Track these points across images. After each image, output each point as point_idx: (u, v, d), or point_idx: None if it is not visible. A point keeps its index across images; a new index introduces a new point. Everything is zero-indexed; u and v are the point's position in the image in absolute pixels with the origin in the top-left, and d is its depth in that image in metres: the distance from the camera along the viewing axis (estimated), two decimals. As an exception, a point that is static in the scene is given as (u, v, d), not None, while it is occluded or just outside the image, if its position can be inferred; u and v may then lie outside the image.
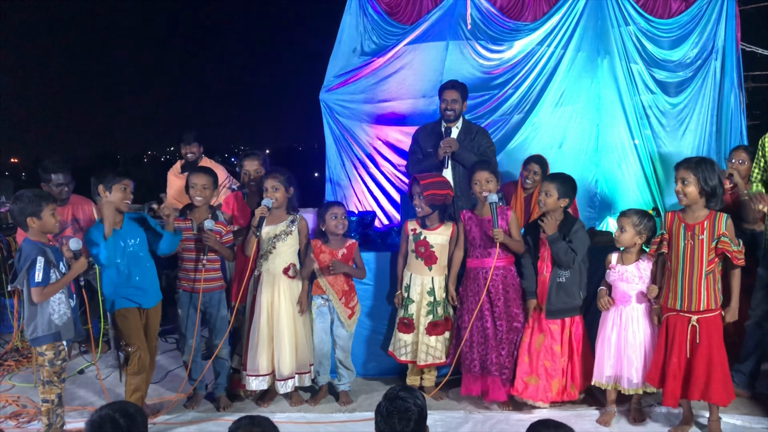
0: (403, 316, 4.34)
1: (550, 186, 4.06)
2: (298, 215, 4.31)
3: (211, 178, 4.24)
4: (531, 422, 2.34)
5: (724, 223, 3.56)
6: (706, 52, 5.93)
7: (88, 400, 4.41)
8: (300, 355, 4.22)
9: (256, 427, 2.28)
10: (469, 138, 4.86)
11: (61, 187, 4.72)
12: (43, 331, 3.54)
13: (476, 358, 4.17)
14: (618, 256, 4.02)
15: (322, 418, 4.12)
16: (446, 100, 4.87)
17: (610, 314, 3.99)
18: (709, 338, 3.60)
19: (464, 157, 4.76)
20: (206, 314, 4.26)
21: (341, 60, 6.13)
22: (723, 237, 3.55)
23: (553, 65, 5.93)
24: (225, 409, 4.21)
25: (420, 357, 4.32)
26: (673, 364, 3.68)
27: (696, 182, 3.56)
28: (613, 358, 3.96)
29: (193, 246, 4.17)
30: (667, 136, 6.01)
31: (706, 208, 3.61)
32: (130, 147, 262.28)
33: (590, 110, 5.99)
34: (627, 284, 3.93)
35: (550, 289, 4.04)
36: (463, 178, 4.74)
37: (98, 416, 2.11)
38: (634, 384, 3.91)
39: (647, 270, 3.90)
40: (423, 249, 4.29)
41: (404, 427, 2.35)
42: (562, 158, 5.91)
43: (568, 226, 4.06)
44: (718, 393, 3.58)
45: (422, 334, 4.30)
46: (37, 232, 3.55)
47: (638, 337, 3.91)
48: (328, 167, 6.34)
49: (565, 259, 4.00)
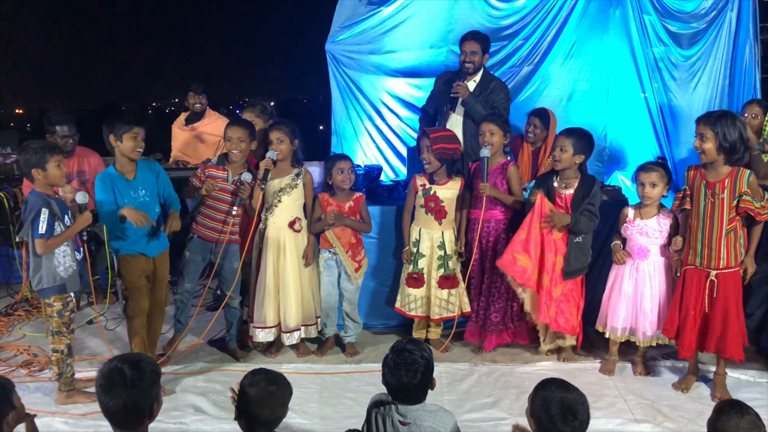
0: (412, 271, 4.33)
1: (565, 141, 3.94)
2: (303, 168, 4.27)
3: (248, 131, 4.13)
4: (538, 378, 2.35)
5: (746, 181, 3.46)
6: (722, 2, 5.76)
7: (97, 350, 4.47)
8: (306, 307, 4.25)
9: (272, 385, 2.30)
10: (485, 93, 4.78)
11: (65, 138, 4.71)
12: (48, 282, 3.55)
13: (482, 311, 4.28)
14: (635, 211, 3.97)
15: (329, 368, 4.17)
16: (465, 52, 4.77)
17: (627, 268, 3.97)
18: (726, 293, 3.58)
19: (474, 108, 4.69)
20: (219, 265, 4.23)
21: (347, 10, 5.99)
22: (745, 195, 3.46)
23: (564, 16, 5.78)
24: (242, 360, 4.26)
25: (434, 311, 4.34)
26: (691, 317, 3.68)
27: (714, 138, 3.45)
28: (628, 311, 3.96)
29: (227, 198, 4.10)
30: (679, 89, 5.89)
31: (728, 165, 3.51)
32: (134, 98, 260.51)
33: (601, 62, 5.87)
34: (647, 238, 3.89)
35: (569, 250, 3.99)
36: (473, 132, 4.69)
37: (108, 368, 2.13)
38: (649, 336, 3.94)
39: (667, 225, 3.87)
40: (433, 204, 4.27)
41: (411, 379, 2.37)
42: (572, 111, 5.85)
43: (587, 187, 3.96)
44: (733, 347, 3.58)
45: (435, 288, 4.31)
46: (43, 183, 3.52)
47: (655, 291, 3.91)
48: (334, 120, 6.28)
49: (589, 229, 3.95)
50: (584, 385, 3.79)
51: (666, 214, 3.89)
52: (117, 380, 2.08)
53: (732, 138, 3.42)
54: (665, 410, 3.59)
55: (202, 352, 4.40)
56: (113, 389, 2.08)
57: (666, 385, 3.88)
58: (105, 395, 2.10)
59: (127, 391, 2.07)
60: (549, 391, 2.21)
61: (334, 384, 3.96)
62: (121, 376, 2.09)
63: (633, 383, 3.92)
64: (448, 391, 3.84)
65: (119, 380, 2.08)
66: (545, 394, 2.21)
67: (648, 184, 3.84)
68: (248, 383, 2.30)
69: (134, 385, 2.08)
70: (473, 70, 4.80)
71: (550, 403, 2.17)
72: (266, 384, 2.29)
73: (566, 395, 2.19)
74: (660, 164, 3.96)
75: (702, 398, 3.72)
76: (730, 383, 3.80)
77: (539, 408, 2.19)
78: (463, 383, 3.94)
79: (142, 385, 2.10)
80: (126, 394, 2.07)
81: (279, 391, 2.31)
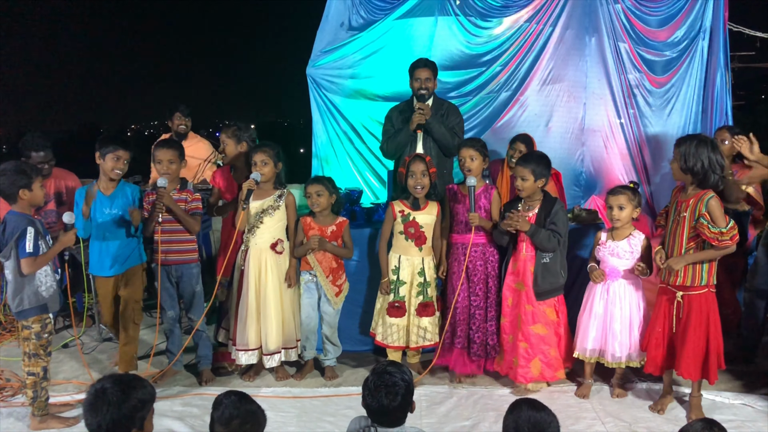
0: (393, 299, 4.29)
1: (524, 171, 4.00)
2: (286, 190, 4.29)
3: (177, 152, 4.19)
4: (514, 399, 2.38)
5: (705, 203, 3.55)
6: (694, 31, 5.92)
7: (73, 374, 4.41)
8: (286, 330, 4.24)
9: (246, 423, 2.27)
10: (440, 114, 4.85)
11: (42, 164, 4.69)
12: (31, 303, 3.53)
13: (459, 335, 4.26)
14: (607, 233, 4.05)
15: (308, 392, 4.15)
16: (419, 79, 4.82)
17: (598, 289, 4.03)
18: (690, 315, 3.64)
19: (436, 129, 4.73)
20: (179, 288, 4.25)
21: (329, 35, 6.06)
22: (702, 218, 3.55)
23: (541, 43, 5.90)
24: (207, 383, 4.23)
25: (411, 339, 4.31)
26: (657, 334, 3.78)
27: (678, 158, 3.62)
28: (598, 332, 4.01)
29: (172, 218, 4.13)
30: (654, 115, 6.01)
31: (697, 186, 3.62)
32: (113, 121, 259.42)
33: (577, 89, 5.98)
34: (618, 259, 3.96)
35: (536, 271, 4.04)
36: (435, 153, 4.75)
37: (95, 387, 2.12)
38: (618, 358, 3.97)
39: (638, 246, 3.94)
40: (413, 230, 4.27)
41: (391, 401, 2.37)
42: (549, 136, 5.92)
43: (548, 207, 4.05)
44: (686, 366, 3.64)
45: (413, 316, 4.29)
46: (26, 204, 3.54)
47: (625, 312, 3.96)
48: (315, 143, 6.31)
49: (550, 246, 4.00)
50: (562, 408, 3.86)
51: (637, 234, 3.97)
52: (102, 399, 2.07)
53: (691, 162, 3.56)
54: (642, 432, 3.62)
55: (179, 375, 4.36)
56: (98, 408, 2.06)
57: (643, 407, 3.91)
58: (89, 414, 2.08)
59: (111, 411, 2.06)
60: (519, 410, 2.26)
61: (312, 408, 3.93)
62: (106, 395, 2.07)
63: (610, 405, 3.94)
64: (428, 414, 3.83)
65: (104, 399, 2.06)
66: (516, 414, 2.26)
67: (616, 206, 3.93)
68: (219, 419, 2.27)
69: (118, 405, 2.06)
70: (428, 95, 4.85)
71: (521, 422, 2.22)
72: (240, 423, 2.26)
73: (535, 414, 2.23)
74: (629, 187, 4.04)
75: (678, 420, 3.75)
76: (705, 405, 3.84)
77: (511, 428, 2.24)
78: (442, 406, 3.94)
79: (127, 406, 2.08)
80: (109, 414, 2.06)
81: (254, 428, 2.29)
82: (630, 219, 3.95)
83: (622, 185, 4.15)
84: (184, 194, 4.18)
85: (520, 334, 4.07)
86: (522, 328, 4.07)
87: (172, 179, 4.16)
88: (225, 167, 4.66)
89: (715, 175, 3.56)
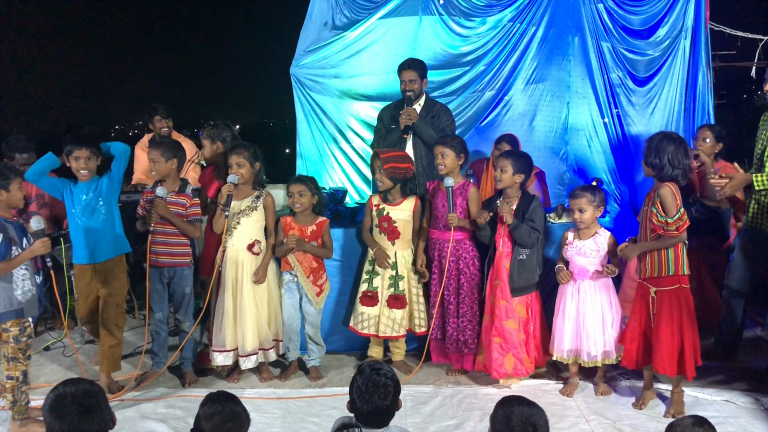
0: (367, 289, 4.37)
1: (505, 162, 4.11)
2: (264, 191, 4.27)
3: (159, 151, 4.12)
4: (501, 396, 2.37)
5: (658, 194, 3.64)
6: (676, 31, 5.95)
7: (54, 377, 4.35)
8: (262, 331, 4.22)
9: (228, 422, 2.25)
10: (431, 115, 4.86)
11: (25, 166, 4.64)
12: (5, 307, 3.48)
13: (434, 327, 4.34)
14: (574, 233, 4.08)
15: (292, 393, 4.13)
16: (404, 81, 4.86)
17: (569, 289, 4.06)
18: (662, 310, 3.69)
19: (423, 131, 4.75)
20: (170, 289, 4.23)
21: (312, 34, 6.04)
22: (653, 207, 3.64)
23: (525, 42, 5.91)
24: (190, 385, 4.20)
25: (380, 329, 4.36)
26: (633, 328, 3.84)
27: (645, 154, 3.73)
28: (573, 332, 4.03)
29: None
30: (637, 114, 6.03)
31: (659, 181, 3.69)
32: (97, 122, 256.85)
33: (561, 88, 5.99)
34: (585, 258, 3.99)
35: (512, 267, 4.09)
36: (424, 153, 4.78)
37: (55, 393, 2.09)
38: (593, 357, 4.00)
39: (604, 244, 3.97)
40: (386, 224, 4.33)
41: (383, 401, 2.37)
42: (533, 135, 5.93)
43: (526, 204, 4.12)
44: (659, 362, 3.68)
45: (384, 307, 4.34)
46: (3, 205, 3.49)
47: (597, 311, 3.99)
48: (299, 143, 6.28)
49: (530, 241, 4.04)
50: (546, 406, 3.80)
51: (602, 233, 4.00)
52: (66, 404, 2.04)
53: (651, 156, 3.67)
54: (626, 429, 3.64)
55: (162, 377, 4.33)
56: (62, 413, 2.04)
57: (627, 405, 3.93)
58: (53, 419, 2.06)
59: (78, 416, 2.03)
60: (509, 405, 2.25)
61: (297, 408, 3.92)
62: (71, 400, 2.04)
63: (594, 403, 3.96)
64: (412, 414, 3.83)
65: (69, 404, 2.04)
66: (506, 409, 2.25)
67: (576, 210, 3.97)
68: (203, 415, 2.26)
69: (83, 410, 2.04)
70: (414, 96, 4.86)
71: (511, 417, 2.21)
72: (222, 420, 2.25)
73: (526, 409, 2.23)
74: (589, 187, 4.06)
75: (661, 417, 3.77)
76: (688, 401, 3.87)
77: (501, 422, 2.22)
78: (427, 405, 3.94)
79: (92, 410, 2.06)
80: (76, 418, 2.03)
81: (236, 427, 2.28)
82: (594, 219, 3.99)
83: (582, 186, 4.18)
84: (183, 198, 4.14)
85: (494, 329, 4.10)
86: (495, 323, 4.10)
87: (160, 177, 4.13)
88: (209, 168, 4.63)
89: (675, 169, 3.62)
